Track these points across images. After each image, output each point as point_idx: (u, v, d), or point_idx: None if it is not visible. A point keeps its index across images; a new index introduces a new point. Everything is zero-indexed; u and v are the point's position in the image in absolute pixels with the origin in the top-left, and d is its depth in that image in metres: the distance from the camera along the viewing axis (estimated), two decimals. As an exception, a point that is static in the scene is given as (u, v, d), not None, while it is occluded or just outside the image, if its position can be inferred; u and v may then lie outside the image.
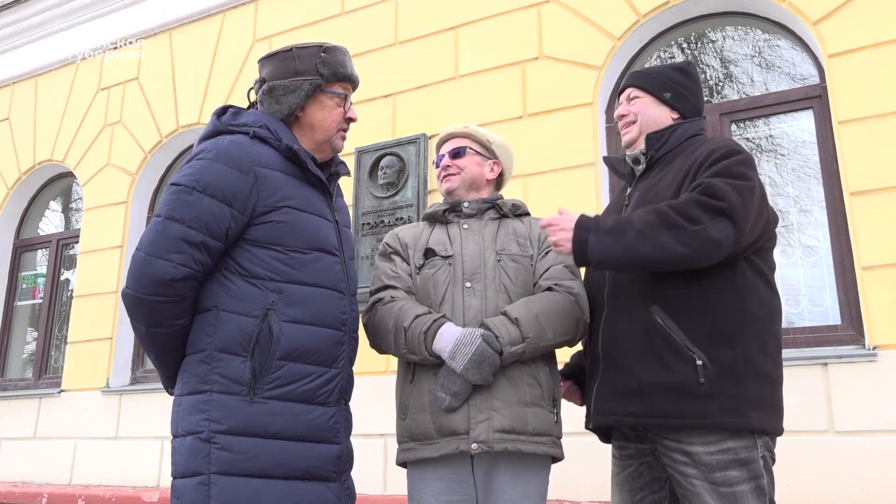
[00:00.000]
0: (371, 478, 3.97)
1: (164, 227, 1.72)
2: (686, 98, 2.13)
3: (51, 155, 6.22)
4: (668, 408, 1.79)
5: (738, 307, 1.83)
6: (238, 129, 1.86)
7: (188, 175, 1.77)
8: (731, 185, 1.79)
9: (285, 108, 1.90)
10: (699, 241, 1.75)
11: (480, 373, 1.91)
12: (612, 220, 1.86)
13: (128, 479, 4.95)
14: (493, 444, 1.90)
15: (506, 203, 2.25)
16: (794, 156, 3.77)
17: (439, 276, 2.08)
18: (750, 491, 1.75)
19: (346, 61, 1.99)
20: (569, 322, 2.02)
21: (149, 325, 1.75)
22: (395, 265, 2.15)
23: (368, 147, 4.59)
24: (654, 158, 2.07)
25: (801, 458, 3.04)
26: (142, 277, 1.70)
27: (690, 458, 1.78)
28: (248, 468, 1.68)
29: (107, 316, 5.42)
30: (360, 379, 2.74)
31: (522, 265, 2.11)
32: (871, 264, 3.24)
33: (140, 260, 1.71)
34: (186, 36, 5.72)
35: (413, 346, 1.97)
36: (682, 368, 1.78)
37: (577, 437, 2.54)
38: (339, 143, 2.00)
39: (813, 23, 3.61)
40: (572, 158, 3.98)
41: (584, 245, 1.83)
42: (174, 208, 1.73)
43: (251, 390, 1.71)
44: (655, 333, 1.83)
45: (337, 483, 1.82)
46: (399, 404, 2.08)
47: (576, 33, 4.17)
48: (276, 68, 1.93)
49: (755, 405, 1.79)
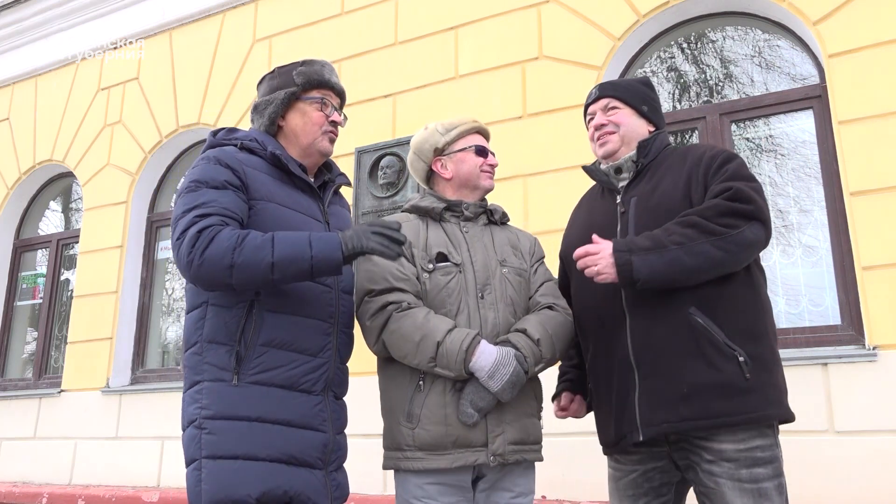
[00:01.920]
0: (371, 478, 3.96)
1: (178, 230, 1.81)
2: (658, 111, 2.22)
3: (51, 155, 6.22)
4: (719, 407, 1.80)
5: (758, 303, 1.92)
6: (229, 143, 1.99)
7: (188, 180, 1.88)
8: (752, 188, 1.88)
9: (266, 119, 2.04)
10: (738, 245, 1.83)
11: (512, 393, 1.96)
12: (646, 238, 1.87)
13: (128, 479, 4.95)
14: (508, 455, 1.96)
15: (496, 210, 2.26)
16: (794, 156, 3.77)
17: (452, 285, 2.05)
18: (773, 488, 1.79)
19: (324, 71, 2.09)
20: (569, 342, 2.13)
21: (230, 275, 1.78)
22: (401, 265, 2.05)
23: (368, 147, 4.59)
24: (643, 166, 2.09)
25: (801, 458, 3.04)
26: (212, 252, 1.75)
27: (719, 455, 1.80)
28: (233, 450, 1.74)
29: (107, 316, 5.42)
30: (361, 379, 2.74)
31: (524, 278, 2.16)
32: (871, 264, 3.24)
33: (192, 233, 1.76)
34: (186, 36, 5.72)
35: (447, 363, 1.92)
36: (728, 366, 1.82)
37: (578, 437, 2.55)
38: (326, 146, 2.07)
39: (813, 23, 3.61)
40: (572, 158, 3.98)
41: (628, 266, 1.84)
42: (189, 201, 1.82)
43: (235, 374, 1.79)
44: (699, 334, 1.84)
45: (323, 471, 1.86)
46: (402, 411, 2.00)
47: (576, 33, 4.17)
48: (263, 89, 2.10)
49: (784, 393, 1.90)
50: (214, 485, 1.72)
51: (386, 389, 2.09)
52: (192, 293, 1.92)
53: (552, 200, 3.92)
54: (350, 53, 4.84)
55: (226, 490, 1.71)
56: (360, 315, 2.06)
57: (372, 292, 2.03)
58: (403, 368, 2.02)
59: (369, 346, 2.08)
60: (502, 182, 4.09)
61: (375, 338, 2.02)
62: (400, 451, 1.99)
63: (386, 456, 2.06)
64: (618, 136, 2.13)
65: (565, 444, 2.12)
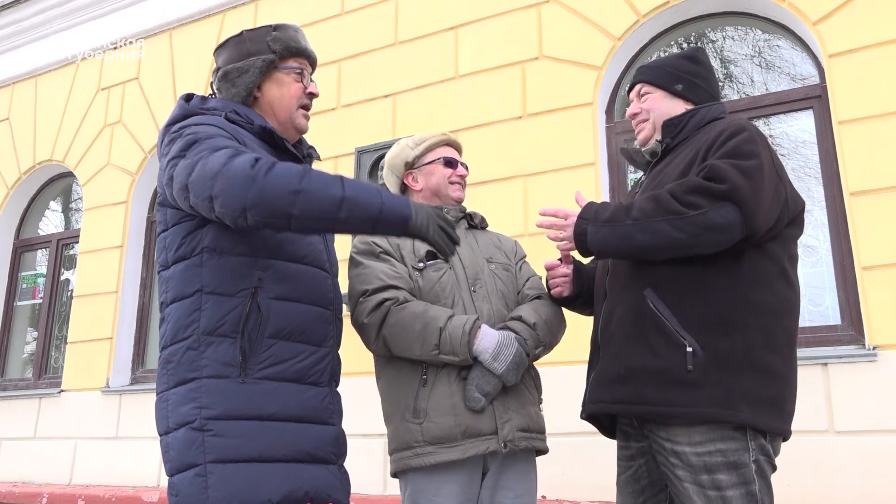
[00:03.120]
0: (371, 478, 3.96)
1: (195, 149, 1.60)
2: (698, 86, 2.05)
3: (51, 155, 6.22)
4: (651, 394, 1.73)
5: (741, 296, 1.74)
6: (209, 113, 1.80)
7: (182, 139, 1.66)
8: (734, 166, 1.71)
9: (242, 89, 1.86)
10: (697, 227, 1.69)
11: (517, 374, 1.98)
12: (611, 208, 1.83)
13: (128, 479, 4.95)
14: (518, 442, 1.98)
15: (476, 215, 2.33)
16: (794, 156, 3.77)
17: (445, 279, 2.09)
18: (739, 497, 1.67)
19: (299, 37, 1.95)
20: (562, 328, 2.19)
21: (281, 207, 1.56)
22: (392, 265, 2.08)
23: (368, 147, 4.59)
24: (671, 146, 2.02)
25: (801, 458, 3.04)
26: (232, 179, 1.53)
27: (679, 458, 1.74)
28: (246, 453, 1.59)
29: (107, 316, 5.42)
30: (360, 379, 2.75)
31: (511, 273, 2.22)
32: (871, 264, 3.24)
33: (215, 170, 1.54)
34: (186, 36, 5.72)
35: (451, 347, 1.92)
36: (669, 354, 1.72)
37: (578, 437, 2.55)
38: (302, 122, 1.94)
39: (813, 23, 3.61)
40: (572, 158, 3.98)
41: (583, 236, 1.83)
42: (186, 146, 1.62)
43: (242, 371, 1.63)
44: (646, 317, 1.79)
45: (337, 466, 1.76)
46: (407, 408, 1.98)
47: (576, 33, 4.17)
48: (230, 53, 1.91)
49: (749, 400, 1.69)
50: (226, 491, 1.56)
51: (388, 391, 2.08)
52: (179, 279, 1.70)
53: (552, 200, 3.91)
54: (350, 53, 4.84)
55: (241, 496, 1.56)
56: (355, 316, 2.04)
57: (366, 292, 2.03)
58: (405, 366, 2.02)
59: (368, 345, 2.06)
60: (502, 182, 4.11)
61: (375, 335, 2.00)
62: (409, 449, 1.96)
63: (394, 459, 2.01)
64: (650, 123, 2.07)
65: (565, 444, 2.12)
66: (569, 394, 2.74)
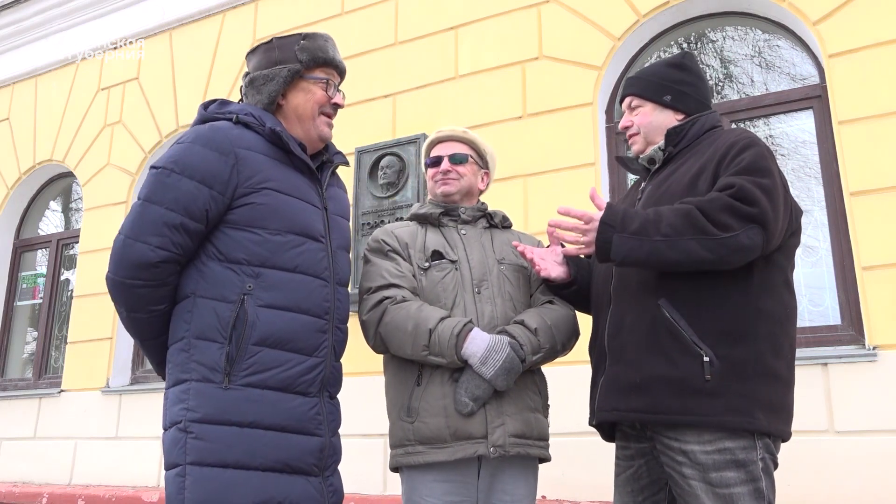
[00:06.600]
0: (371, 478, 3.97)
1: (143, 209, 1.71)
2: (688, 95, 2.06)
3: (51, 155, 6.22)
4: (670, 404, 1.75)
5: (752, 305, 1.78)
6: (223, 117, 1.86)
7: (167, 158, 1.76)
8: (758, 186, 1.74)
9: (265, 96, 1.89)
10: (727, 248, 1.72)
11: (507, 380, 1.95)
12: (639, 219, 1.81)
13: (128, 479, 4.95)
14: (509, 448, 1.95)
15: (496, 213, 2.30)
16: (794, 156, 3.77)
17: (448, 280, 2.08)
18: (747, 493, 1.71)
19: (328, 47, 1.96)
20: (572, 334, 2.13)
21: (129, 310, 1.77)
22: (397, 264, 2.09)
23: (368, 147, 4.59)
24: (672, 154, 2.03)
25: (801, 458, 3.04)
26: (122, 260, 1.71)
27: (687, 457, 1.76)
28: (223, 458, 1.62)
29: (107, 316, 5.42)
30: (360, 379, 2.75)
31: (523, 275, 2.19)
32: (871, 264, 3.24)
33: (120, 243, 1.72)
34: (186, 36, 5.72)
35: (440, 349, 1.93)
36: (687, 364, 1.74)
37: (578, 437, 2.55)
38: (326, 131, 1.96)
39: (813, 23, 3.61)
40: (572, 158, 3.98)
41: (608, 245, 1.81)
42: (153, 191, 1.72)
43: (226, 377, 1.66)
44: (661, 327, 1.79)
45: (319, 478, 1.77)
46: (402, 406, 2.02)
47: (576, 33, 4.17)
48: (259, 60, 1.94)
49: (763, 406, 1.74)
50: (200, 494, 1.59)
51: (388, 387, 2.12)
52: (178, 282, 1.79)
53: (552, 200, 3.91)
54: (350, 53, 4.84)
55: (213, 501, 1.59)
56: (359, 313, 2.09)
57: (369, 290, 2.07)
58: (403, 364, 2.05)
59: (368, 341, 2.09)
60: (502, 182, 4.10)
61: (373, 332, 2.04)
62: (402, 447, 2.00)
63: (391, 455, 2.06)
64: (641, 137, 2.09)
65: (565, 444, 2.12)
66: (568, 394, 2.74)
